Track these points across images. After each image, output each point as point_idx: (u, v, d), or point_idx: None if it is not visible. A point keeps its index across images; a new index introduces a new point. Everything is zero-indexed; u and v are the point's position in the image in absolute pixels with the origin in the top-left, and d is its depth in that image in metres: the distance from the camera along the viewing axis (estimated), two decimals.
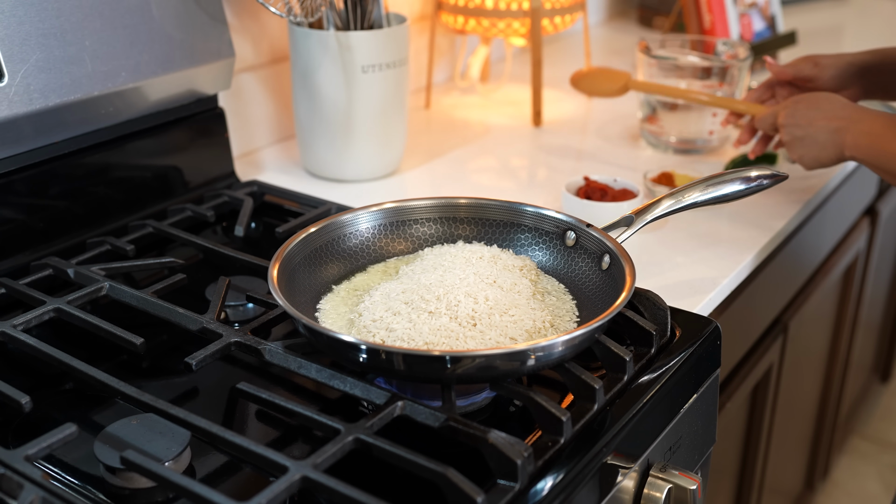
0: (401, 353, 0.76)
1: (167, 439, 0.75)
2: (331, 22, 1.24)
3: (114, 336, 0.86)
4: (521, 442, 0.71)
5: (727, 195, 0.98)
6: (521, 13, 1.51)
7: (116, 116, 1.10)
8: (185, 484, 0.67)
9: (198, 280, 1.02)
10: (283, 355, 0.82)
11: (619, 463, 0.79)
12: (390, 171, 1.35)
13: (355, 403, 0.83)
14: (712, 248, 1.15)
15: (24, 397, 0.76)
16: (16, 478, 0.68)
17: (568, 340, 0.76)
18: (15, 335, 0.85)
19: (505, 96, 1.72)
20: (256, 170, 1.36)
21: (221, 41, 1.19)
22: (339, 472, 0.69)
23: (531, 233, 0.97)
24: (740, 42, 1.55)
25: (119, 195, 1.13)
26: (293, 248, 0.90)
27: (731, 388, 1.27)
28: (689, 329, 0.92)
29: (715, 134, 1.44)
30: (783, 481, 1.71)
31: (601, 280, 0.90)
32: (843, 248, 1.65)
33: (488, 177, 1.39)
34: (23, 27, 0.98)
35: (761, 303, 1.28)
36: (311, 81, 1.26)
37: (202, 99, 1.21)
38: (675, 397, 0.87)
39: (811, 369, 1.69)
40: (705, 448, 0.97)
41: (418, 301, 0.85)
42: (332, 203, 1.17)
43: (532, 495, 0.70)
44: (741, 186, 0.98)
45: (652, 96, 1.46)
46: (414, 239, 0.98)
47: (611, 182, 1.20)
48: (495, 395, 0.82)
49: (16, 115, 0.98)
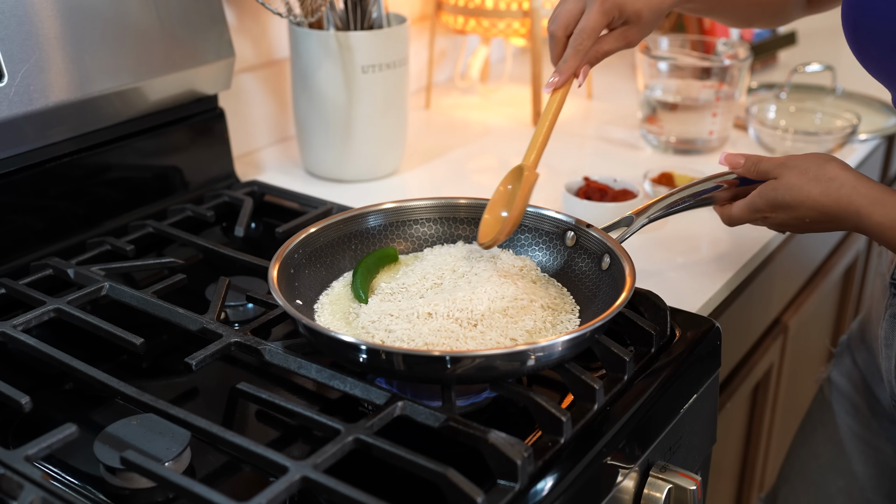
0: (401, 354, 0.76)
1: (167, 439, 0.75)
2: (331, 22, 1.24)
3: (114, 336, 0.86)
4: (521, 442, 0.71)
5: None
6: (521, 13, 1.51)
7: (116, 116, 1.10)
8: (185, 484, 0.67)
9: (198, 280, 1.02)
10: (283, 355, 0.82)
11: (619, 463, 0.79)
12: (390, 171, 1.35)
13: (355, 403, 0.82)
14: (712, 248, 1.15)
15: (24, 397, 0.76)
16: (16, 478, 0.68)
17: (568, 341, 0.76)
18: (15, 335, 0.85)
19: (505, 96, 1.72)
20: (256, 170, 1.36)
21: (221, 41, 1.19)
22: (339, 473, 0.69)
23: (531, 233, 0.97)
24: (740, 42, 1.55)
25: (119, 195, 1.13)
26: (293, 248, 0.90)
27: (731, 388, 1.27)
28: (689, 329, 0.92)
29: (715, 134, 1.44)
30: None
31: (601, 280, 0.90)
32: (843, 248, 1.65)
33: (488, 177, 1.39)
34: (23, 27, 0.98)
35: (761, 303, 1.28)
36: (311, 81, 1.26)
37: (202, 99, 1.21)
38: (675, 397, 0.87)
39: (811, 369, 1.69)
40: (705, 448, 0.97)
41: (418, 301, 0.85)
42: (332, 203, 1.17)
43: (532, 495, 0.70)
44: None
45: (652, 96, 1.46)
46: (414, 239, 0.98)
47: (611, 182, 1.20)
48: (495, 395, 0.82)
49: (16, 115, 0.98)
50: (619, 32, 0.95)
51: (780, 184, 0.90)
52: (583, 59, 0.93)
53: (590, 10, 0.92)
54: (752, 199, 0.93)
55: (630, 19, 0.94)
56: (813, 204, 0.88)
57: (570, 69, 0.93)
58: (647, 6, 0.94)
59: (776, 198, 0.90)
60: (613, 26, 0.94)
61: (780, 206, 0.90)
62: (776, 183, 0.91)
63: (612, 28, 0.95)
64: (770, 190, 0.91)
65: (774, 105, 1.58)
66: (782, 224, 0.92)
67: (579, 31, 0.92)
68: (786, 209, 0.90)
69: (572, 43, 0.93)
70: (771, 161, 0.93)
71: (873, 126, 1.58)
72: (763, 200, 0.92)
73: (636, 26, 0.95)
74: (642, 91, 1.48)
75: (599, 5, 0.91)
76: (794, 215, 0.90)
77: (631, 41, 0.96)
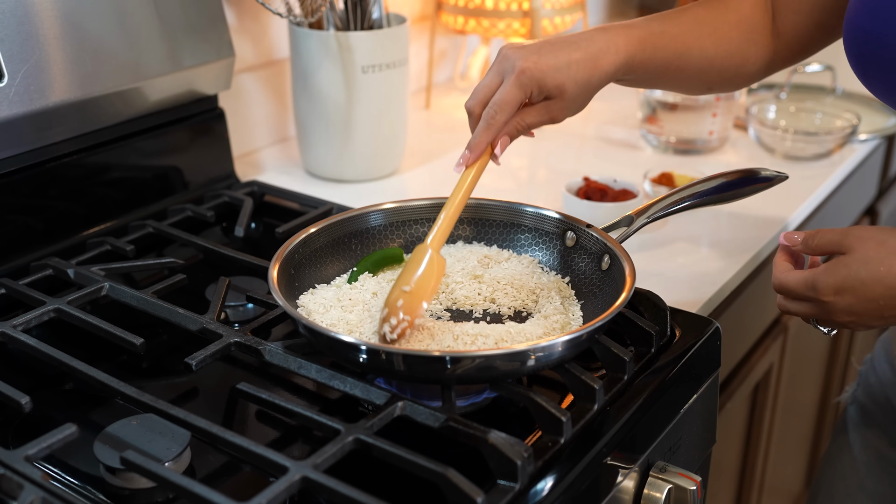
0: (401, 354, 0.76)
1: (167, 439, 0.75)
2: (331, 22, 1.24)
3: (114, 336, 0.86)
4: (521, 442, 0.71)
5: (727, 195, 0.98)
6: (521, 13, 1.51)
7: (116, 116, 1.10)
8: (185, 484, 0.67)
9: (198, 280, 1.02)
10: (283, 355, 0.82)
11: (619, 463, 0.79)
12: (390, 171, 1.35)
13: (355, 404, 0.82)
14: (712, 248, 1.15)
15: (24, 397, 0.76)
16: (16, 478, 0.68)
17: (568, 341, 0.76)
18: (15, 335, 0.85)
19: None
20: (256, 170, 1.36)
21: (221, 41, 1.19)
22: (339, 473, 0.69)
23: (531, 233, 0.97)
24: None
25: (119, 195, 1.13)
26: (293, 248, 0.90)
27: (731, 388, 1.27)
28: (689, 329, 0.92)
29: (715, 134, 1.44)
30: (783, 481, 1.71)
31: (601, 280, 0.90)
32: None
33: (488, 177, 1.38)
34: (23, 27, 0.98)
35: (761, 303, 1.28)
36: (311, 82, 1.26)
37: (202, 99, 1.21)
38: (675, 397, 0.87)
39: (811, 369, 1.69)
40: (705, 448, 0.97)
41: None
42: (332, 203, 1.17)
43: (532, 495, 0.70)
44: (741, 187, 0.98)
45: (652, 96, 1.46)
46: (414, 239, 0.98)
47: (611, 182, 1.20)
48: (495, 395, 0.82)
49: (16, 115, 0.98)
50: (541, 107, 0.87)
51: (854, 258, 0.76)
52: (496, 133, 0.86)
53: (506, 83, 0.85)
54: (815, 277, 0.78)
55: (552, 94, 0.86)
56: (894, 282, 0.74)
57: (480, 144, 0.86)
58: (572, 81, 0.86)
59: (848, 276, 0.76)
60: (534, 101, 0.87)
61: (849, 287, 0.76)
62: (848, 259, 0.76)
63: (533, 102, 0.87)
64: (842, 267, 0.76)
65: (774, 105, 1.58)
66: (846, 311, 0.77)
67: (491, 104, 0.85)
68: (855, 291, 0.76)
69: (484, 116, 0.86)
70: (833, 232, 0.79)
71: (873, 126, 1.58)
72: (830, 279, 0.77)
73: (560, 102, 0.87)
74: (642, 91, 1.48)
75: (516, 78, 0.84)
76: (865, 297, 0.76)
77: (554, 117, 0.88)
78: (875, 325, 0.78)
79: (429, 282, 0.84)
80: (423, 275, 0.84)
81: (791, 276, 0.80)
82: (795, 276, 0.80)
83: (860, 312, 0.77)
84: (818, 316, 0.80)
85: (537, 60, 0.85)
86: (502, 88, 0.85)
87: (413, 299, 0.82)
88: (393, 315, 0.81)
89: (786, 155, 1.44)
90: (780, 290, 0.82)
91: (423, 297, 0.83)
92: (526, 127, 0.88)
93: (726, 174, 0.97)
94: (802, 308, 0.80)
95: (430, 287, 0.84)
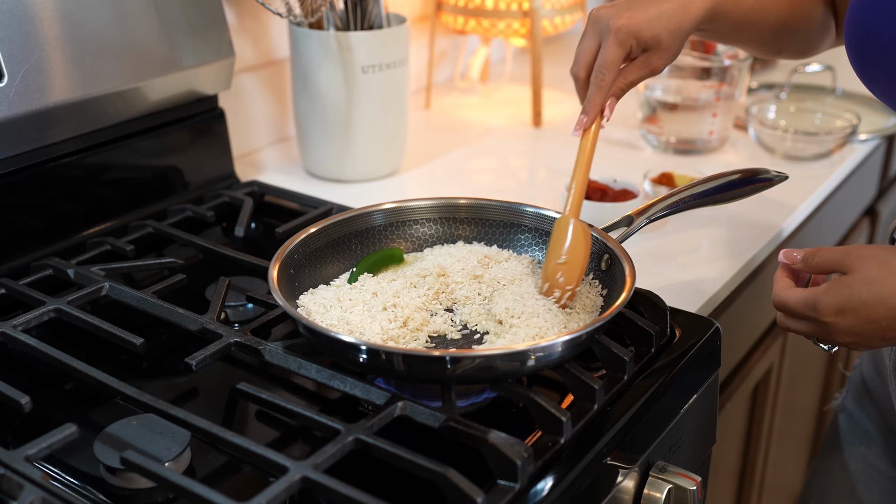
0: (401, 354, 0.76)
1: (167, 439, 0.75)
2: (331, 22, 1.24)
3: (114, 336, 0.86)
4: (521, 442, 0.71)
5: (727, 195, 0.98)
6: (521, 13, 1.51)
7: (116, 116, 1.10)
8: (185, 484, 0.67)
9: (198, 280, 1.02)
10: (283, 355, 0.82)
11: (619, 463, 0.79)
12: (390, 171, 1.35)
13: (355, 404, 0.82)
14: (712, 248, 1.15)
15: (24, 397, 0.76)
16: (16, 478, 0.68)
17: (568, 341, 0.76)
18: (15, 335, 0.85)
19: (505, 97, 1.72)
20: (256, 170, 1.36)
21: (221, 41, 1.19)
22: (339, 473, 0.69)
23: (531, 233, 0.97)
24: None
25: (119, 195, 1.13)
26: (293, 248, 0.90)
27: (731, 388, 1.27)
28: (689, 329, 0.92)
29: (715, 134, 1.44)
30: (783, 481, 1.71)
31: (601, 280, 0.90)
32: (844, 245, 1.64)
33: (488, 177, 1.39)
34: (23, 27, 0.98)
35: (761, 303, 1.28)
36: (311, 82, 1.26)
37: (202, 99, 1.21)
38: (675, 397, 0.87)
39: (811, 369, 1.69)
40: (705, 448, 0.97)
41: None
42: (332, 203, 1.17)
43: (532, 495, 0.70)
44: (741, 187, 0.98)
45: (652, 96, 1.46)
46: (414, 239, 0.98)
47: (611, 182, 1.20)
48: (495, 395, 0.82)
49: (16, 115, 0.98)
50: (640, 61, 0.92)
51: (856, 279, 0.74)
52: (606, 94, 0.91)
53: (605, 43, 0.89)
54: (816, 297, 0.76)
55: (649, 45, 0.91)
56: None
57: (595, 107, 0.91)
58: (665, 30, 0.91)
59: (850, 296, 0.74)
60: (634, 55, 0.92)
61: (850, 308, 0.74)
62: (850, 279, 0.75)
63: (633, 58, 0.92)
64: (843, 287, 0.75)
65: (774, 105, 1.58)
66: (847, 332, 0.76)
67: (598, 67, 0.90)
68: (857, 312, 0.74)
69: (593, 80, 0.90)
70: (833, 251, 0.78)
71: (873, 126, 1.58)
72: (832, 300, 0.75)
73: (657, 52, 0.92)
74: (642, 91, 1.48)
75: (613, 36, 0.89)
76: (867, 318, 0.74)
77: (655, 68, 0.92)
78: (876, 345, 0.77)
79: (580, 248, 0.88)
80: (572, 243, 0.88)
81: (791, 294, 0.79)
82: (796, 294, 0.78)
83: (861, 333, 0.75)
84: (819, 335, 0.79)
85: (630, 16, 0.89)
86: (603, 49, 0.90)
87: (570, 269, 0.87)
88: (556, 287, 0.86)
89: (786, 155, 1.44)
90: (780, 307, 0.80)
91: (579, 263, 0.87)
92: (629, 84, 0.92)
93: (726, 174, 0.97)
94: (803, 327, 0.79)
95: (582, 253, 0.88)
